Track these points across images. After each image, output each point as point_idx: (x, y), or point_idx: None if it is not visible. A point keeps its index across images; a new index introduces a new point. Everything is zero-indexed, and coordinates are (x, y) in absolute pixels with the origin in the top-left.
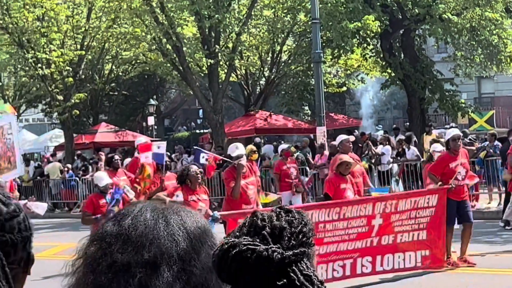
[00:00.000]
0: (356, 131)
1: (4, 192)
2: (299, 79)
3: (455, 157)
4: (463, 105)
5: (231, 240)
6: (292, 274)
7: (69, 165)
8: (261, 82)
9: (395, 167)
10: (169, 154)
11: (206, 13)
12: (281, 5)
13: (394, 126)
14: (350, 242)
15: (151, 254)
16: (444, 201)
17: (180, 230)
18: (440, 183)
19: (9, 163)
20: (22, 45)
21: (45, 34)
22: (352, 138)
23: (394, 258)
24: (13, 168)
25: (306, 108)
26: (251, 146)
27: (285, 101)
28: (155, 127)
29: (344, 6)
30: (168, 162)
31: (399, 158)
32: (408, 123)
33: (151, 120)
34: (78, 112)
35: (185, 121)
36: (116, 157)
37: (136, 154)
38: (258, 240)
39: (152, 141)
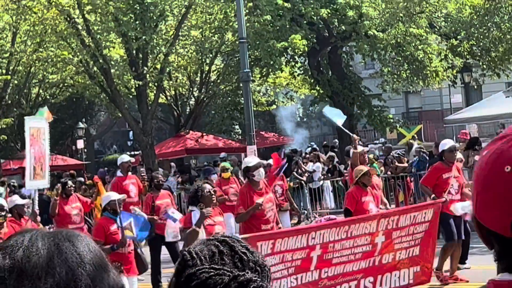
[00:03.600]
0: (287, 149)
1: None
2: (229, 98)
3: (449, 168)
4: (391, 120)
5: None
6: None
7: None
8: (190, 102)
9: (327, 184)
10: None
11: (133, 34)
12: (208, 25)
13: (325, 143)
14: (355, 262)
15: (48, 285)
16: (438, 216)
17: (74, 256)
18: (433, 195)
19: (41, 170)
20: None
21: None
22: (366, 149)
23: (391, 276)
24: (43, 177)
25: (237, 127)
26: (224, 164)
27: (216, 121)
28: (85, 150)
29: (271, 25)
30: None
31: (329, 175)
32: (337, 140)
33: (80, 143)
34: (5, 137)
35: (115, 143)
36: (70, 183)
37: (118, 173)
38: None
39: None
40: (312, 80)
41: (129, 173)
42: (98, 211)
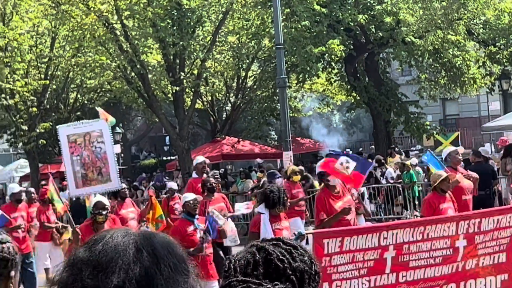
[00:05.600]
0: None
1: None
2: (265, 104)
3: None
4: (428, 127)
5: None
6: None
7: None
8: (227, 108)
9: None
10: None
11: (170, 40)
12: (245, 31)
13: (360, 149)
14: (436, 267)
15: (120, 279)
16: None
17: (150, 256)
18: None
19: (100, 175)
20: None
21: (9, 64)
22: (461, 149)
23: (476, 284)
24: (107, 180)
25: (273, 133)
26: (292, 167)
27: (252, 126)
28: (122, 155)
29: (308, 31)
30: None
31: (366, 181)
32: (373, 146)
33: (117, 148)
34: (44, 141)
35: (151, 148)
36: (124, 185)
37: (194, 175)
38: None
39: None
40: (348, 87)
41: (205, 175)
42: (152, 226)
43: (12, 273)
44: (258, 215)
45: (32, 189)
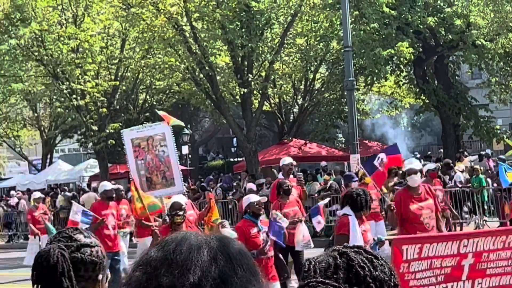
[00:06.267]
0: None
1: (87, 232)
2: (333, 106)
3: None
4: (498, 131)
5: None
6: None
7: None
8: (294, 110)
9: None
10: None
11: (239, 42)
12: (313, 33)
13: (429, 153)
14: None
15: (196, 277)
16: None
17: (226, 257)
18: None
19: (164, 178)
20: (57, 77)
21: (80, 65)
22: None
23: None
24: (170, 184)
25: (340, 135)
26: (363, 170)
27: (319, 129)
28: (189, 156)
29: (377, 33)
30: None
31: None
32: (442, 150)
33: (185, 149)
34: (113, 142)
35: (219, 149)
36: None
37: (280, 176)
38: None
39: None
40: (417, 90)
41: (291, 176)
42: (209, 229)
43: (100, 276)
44: (345, 217)
45: (121, 187)
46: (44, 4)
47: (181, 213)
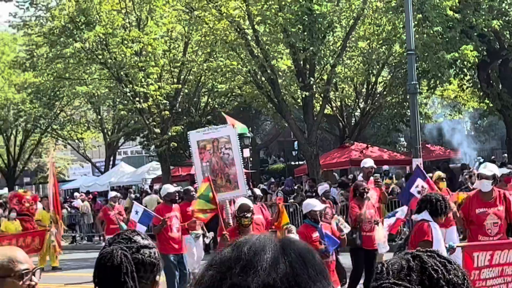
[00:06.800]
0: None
1: (144, 234)
2: (395, 110)
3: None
4: None
5: None
6: None
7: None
8: (356, 113)
9: None
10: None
11: (301, 45)
12: (376, 37)
13: (493, 157)
14: None
15: (271, 278)
16: None
17: (297, 258)
18: None
19: (228, 181)
20: (120, 80)
21: (143, 68)
22: None
23: None
24: (235, 188)
25: (402, 139)
26: (439, 173)
27: (381, 132)
28: (251, 159)
29: (441, 36)
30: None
31: None
32: (505, 154)
33: (246, 152)
34: (176, 144)
35: (280, 153)
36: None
37: (359, 178)
38: None
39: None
40: (481, 93)
41: (371, 178)
42: (280, 233)
43: (158, 277)
44: (423, 222)
45: (191, 188)
46: (109, 8)
47: (248, 215)
